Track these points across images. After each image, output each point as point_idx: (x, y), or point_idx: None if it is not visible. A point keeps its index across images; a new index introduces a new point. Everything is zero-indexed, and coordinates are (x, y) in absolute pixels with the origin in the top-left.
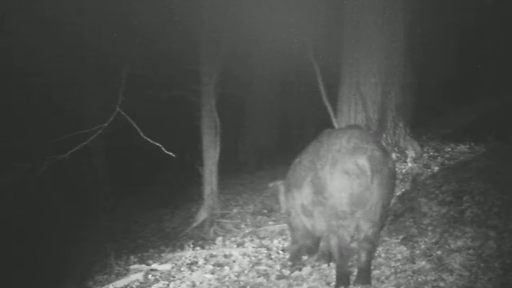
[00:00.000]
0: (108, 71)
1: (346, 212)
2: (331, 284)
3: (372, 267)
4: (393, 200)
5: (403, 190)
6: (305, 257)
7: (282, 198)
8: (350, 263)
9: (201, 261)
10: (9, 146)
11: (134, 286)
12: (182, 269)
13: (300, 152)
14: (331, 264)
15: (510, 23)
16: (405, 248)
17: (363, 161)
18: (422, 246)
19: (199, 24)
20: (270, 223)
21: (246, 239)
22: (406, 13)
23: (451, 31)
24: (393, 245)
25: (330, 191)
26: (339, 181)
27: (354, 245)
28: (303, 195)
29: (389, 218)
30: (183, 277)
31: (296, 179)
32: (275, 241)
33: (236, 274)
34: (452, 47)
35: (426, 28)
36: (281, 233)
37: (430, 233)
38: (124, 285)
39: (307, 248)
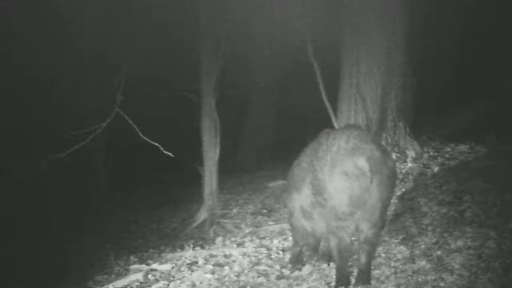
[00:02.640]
0: (107, 71)
1: (346, 213)
2: (331, 284)
3: (372, 267)
4: (393, 200)
5: (403, 190)
6: (305, 257)
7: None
8: (350, 263)
9: (201, 261)
10: (8, 146)
11: (134, 286)
12: (182, 269)
13: (300, 153)
14: (331, 264)
15: (510, 23)
16: (405, 248)
17: (362, 162)
18: (422, 246)
19: (198, 23)
20: (270, 223)
21: (246, 239)
22: (406, 13)
23: (451, 31)
24: (393, 245)
25: (330, 192)
26: (338, 182)
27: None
28: (302, 197)
29: (389, 218)
30: (183, 277)
31: (294, 181)
32: (275, 241)
33: (236, 274)
34: (452, 47)
35: (426, 28)
36: (281, 233)
37: (430, 233)
38: (124, 285)
39: (308, 247)
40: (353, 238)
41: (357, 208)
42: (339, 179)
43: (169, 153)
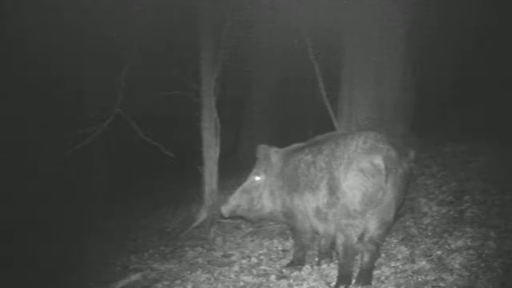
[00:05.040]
0: (108, 71)
1: (357, 211)
2: (331, 284)
3: None
4: None
5: None
6: (306, 257)
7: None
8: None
9: (201, 261)
10: (9, 146)
11: (134, 286)
12: (182, 269)
13: (306, 148)
14: (331, 264)
15: (510, 22)
16: (405, 248)
17: (378, 160)
18: (422, 246)
19: (199, 23)
20: (270, 223)
21: (246, 239)
22: (406, 12)
23: (451, 31)
24: (393, 245)
25: (343, 190)
26: (353, 180)
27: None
28: (319, 198)
29: None
30: (183, 277)
31: (310, 180)
32: (275, 241)
33: (236, 274)
34: (453, 47)
35: (427, 28)
36: (281, 233)
37: (430, 233)
38: (124, 285)
39: (323, 248)
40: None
41: (369, 207)
42: (354, 176)
43: (169, 153)
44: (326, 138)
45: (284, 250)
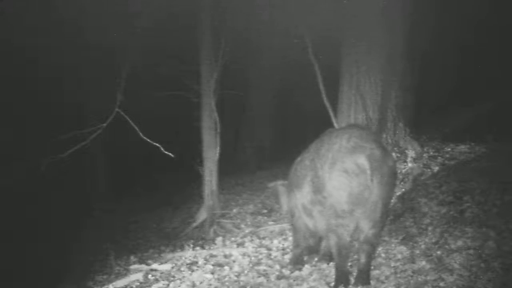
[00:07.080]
0: (108, 71)
1: (345, 211)
2: (331, 284)
3: (372, 267)
4: (393, 200)
5: (403, 190)
6: (305, 257)
7: (283, 198)
8: (349, 263)
9: (201, 261)
10: (9, 146)
11: (134, 286)
12: (182, 269)
13: (302, 151)
14: (331, 263)
15: (509, 23)
16: (405, 248)
17: (362, 160)
18: (422, 246)
19: (199, 23)
20: (270, 223)
21: (246, 239)
22: (406, 13)
23: (451, 31)
24: (393, 245)
25: (329, 190)
26: (338, 180)
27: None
28: (304, 194)
29: (389, 218)
30: (183, 277)
31: (297, 178)
32: (275, 241)
33: (236, 274)
34: (452, 47)
35: (426, 27)
36: (281, 233)
37: (430, 233)
38: (124, 285)
39: (309, 248)
40: (352, 238)
41: (357, 206)
42: (338, 176)
43: (169, 153)
44: (318, 137)
45: (284, 249)
